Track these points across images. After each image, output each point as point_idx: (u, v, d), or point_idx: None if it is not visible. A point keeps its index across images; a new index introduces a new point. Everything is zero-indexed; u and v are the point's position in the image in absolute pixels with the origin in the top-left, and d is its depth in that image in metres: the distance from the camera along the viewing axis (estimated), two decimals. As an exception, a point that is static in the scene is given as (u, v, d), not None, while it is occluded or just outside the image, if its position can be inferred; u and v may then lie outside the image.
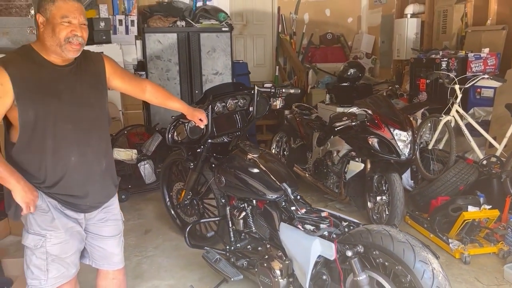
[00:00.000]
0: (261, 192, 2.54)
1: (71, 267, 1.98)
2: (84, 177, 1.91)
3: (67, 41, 1.75)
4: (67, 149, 1.84)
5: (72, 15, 1.76)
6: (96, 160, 1.95)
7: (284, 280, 2.46)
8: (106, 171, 2.01)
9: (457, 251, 3.19)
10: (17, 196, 1.75)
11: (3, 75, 1.69)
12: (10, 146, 1.81)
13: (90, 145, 1.91)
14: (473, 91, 4.74)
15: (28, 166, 1.81)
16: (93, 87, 1.93)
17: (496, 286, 2.85)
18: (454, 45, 5.66)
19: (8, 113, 1.75)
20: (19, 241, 3.58)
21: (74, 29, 1.76)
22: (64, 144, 1.83)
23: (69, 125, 1.83)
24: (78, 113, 1.86)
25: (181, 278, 3.02)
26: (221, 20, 6.12)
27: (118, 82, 2.11)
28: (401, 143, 3.48)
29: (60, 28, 1.74)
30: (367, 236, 2.15)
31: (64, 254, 1.93)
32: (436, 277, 1.96)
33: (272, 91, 3.01)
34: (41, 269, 1.90)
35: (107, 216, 2.08)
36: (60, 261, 1.93)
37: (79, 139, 1.87)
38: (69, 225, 1.92)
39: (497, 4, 5.18)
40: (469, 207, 3.28)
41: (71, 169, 1.86)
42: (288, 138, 4.97)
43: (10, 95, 1.71)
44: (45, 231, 1.87)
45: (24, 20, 4.36)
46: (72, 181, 1.88)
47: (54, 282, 1.94)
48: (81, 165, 1.89)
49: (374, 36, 7.81)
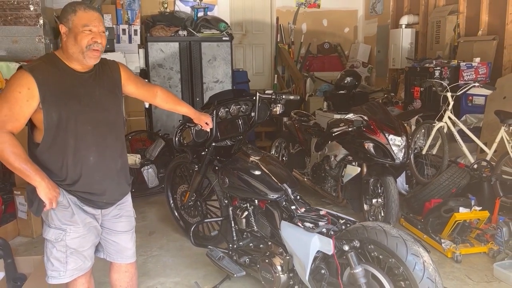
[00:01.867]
0: (263, 192, 2.68)
1: (88, 260, 2.12)
2: (102, 176, 2.04)
3: (89, 48, 1.90)
4: (86, 149, 1.98)
5: (92, 23, 1.91)
6: (113, 160, 2.09)
7: (284, 275, 2.60)
8: (121, 170, 2.15)
9: (449, 251, 3.33)
10: (42, 193, 1.86)
11: (30, 80, 1.84)
12: (34, 146, 1.95)
13: (108, 145, 2.05)
14: (465, 99, 4.92)
15: (51, 165, 1.94)
16: (110, 92, 2.08)
17: (486, 283, 2.99)
18: (447, 55, 5.84)
19: (33, 115, 1.89)
20: (28, 242, 3.74)
21: (94, 36, 1.91)
22: (84, 144, 1.97)
23: (89, 126, 1.97)
24: (96, 116, 2.00)
25: (186, 275, 3.16)
26: (222, 30, 6.31)
27: (132, 87, 2.27)
28: (396, 147, 3.63)
29: (82, 36, 1.89)
30: (363, 232, 2.30)
31: (81, 247, 2.06)
32: (427, 269, 2.11)
33: (273, 97, 3.17)
34: (60, 261, 2.03)
35: (121, 213, 2.21)
36: (78, 254, 2.06)
37: (98, 140, 2.01)
38: (87, 221, 2.06)
39: (488, 16, 5.38)
40: (460, 209, 3.43)
41: (90, 168, 2.00)
42: (287, 144, 5.13)
43: (36, 99, 1.85)
44: (65, 225, 2.00)
45: (33, 29, 4.54)
46: (91, 179, 2.01)
47: (72, 274, 2.07)
48: (99, 164, 2.02)
49: (370, 45, 8.00)
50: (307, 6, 8.03)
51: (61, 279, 2.06)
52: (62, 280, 2.07)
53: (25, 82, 1.84)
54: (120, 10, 6.18)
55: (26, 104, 1.84)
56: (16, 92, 1.83)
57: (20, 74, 1.87)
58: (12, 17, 4.49)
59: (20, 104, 1.83)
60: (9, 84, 1.89)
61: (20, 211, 3.85)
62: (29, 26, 4.49)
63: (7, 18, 4.47)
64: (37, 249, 3.60)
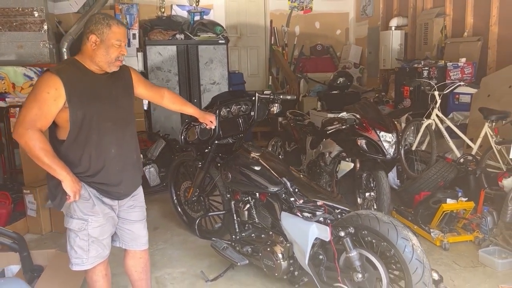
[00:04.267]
0: (264, 185, 2.88)
1: (106, 248, 2.30)
2: (120, 167, 2.23)
3: (116, 59, 2.14)
4: (108, 143, 2.17)
5: (123, 38, 2.14)
6: (129, 153, 2.30)
7: (285, 262, 2.80)
8: (136, 163, 2.36)
9: (437, 239, 3.55)
10: (67, 186, 2.04)
11: (58, 81, 2.02)
12: (58, 143, 2.12)
13: (125, 140, 2.26)
14: (452, 97, 5.15)
15: (74, 159, 2.12)
16: (125, 92, 2.29)
17: (472, 268, 3.22)
18: (435, 55, 6.08)
19: (58, 114, 2.05)
20: (37, 239, 3.92)
21: (122, 50, 2.14)
22: (106, 138, 2.16)
23: (109, 123, 2.17)
24: (115, 113, 2.20)
25: (191, 266, 3.34)
26: (218, 33, 6.51)
27: (142, 89, 2.48)
28: (387, 143, 3.84)
29: (113, 49, 2.11)
30: (357, 219, 2.51)
31: (101, 236, 2.25)
32: (415, 251, 2.32)
33: (271, 97, 3.38)
34: (83, 249, 2.21)
35: (135, 203, 2.40)
36: (98, 242, 2.24)
37: (117, 134, 2.21)
38: (106, 211, 2.24)
39: (473, 18, 5.62)
40: (448, 200, 3.65)
41: (111, 160, 2.19)
42: (283, 143, 5.33)
43: (63, 98, 2.03)
44: (87, 216, 2.18)
45: (38, 35, 4.71)
46: (111, 170, 2.20)
47: (93, 261, 2.25)
48: (119, 156, 2.22)
49: (361, 47, 8.24)
50: (300, 10, 8.25)
51: (84, 266, 2.23)
52: (85, 267, 2.24)
53: (53, 83, 2.01)
54: (118, 15, 6.36)
55: (53, 103, 2.01)
56: (45, 92, 2.00)
57: (47, 76, 2.04)
58: (18, 23, 4.66)
59: (49, 103, 2.00)
60: (37, 85, 2.06)
61: (29, 209, 4.01)
62: (33, 32, 4.66)
63: (13, 24, 4.64)
64: (46, 245, 3.77)
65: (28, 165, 4.08)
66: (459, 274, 3.13)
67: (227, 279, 3.13)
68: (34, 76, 4.40)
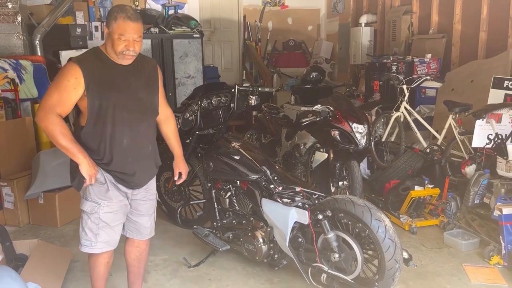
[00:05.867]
0: (245, 173, 3.01)
1: (117, 235, 2.36)
2: (134, 157, 2.27)
3: (121, 53, 2.14)
4: (122, 133, 2.22)
5: (128, 34, 2.10)
6: (144, 144, 2.33)
7: (266, 246, 2.94)
8: (151, 154, 2.39)
9: (406, 224, 3.78)
10: (83, 170, 2.12)
11: (77, 71, 2.09)
12: (79, 129, 2.22)
13: (140, 131, 2.28)
14: (419, 91, 5.42)
15: (92, 145, 2.20)
16: (147, 85, 2.31)
17: (437, 249, 3.45)
18: (403, 51, 6.35)
19: (79, 102, 2.15)
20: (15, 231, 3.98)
21: (128, 44, 2.12)
22: (120, 128, 2.21)
23: (125, 113, 2.21)
24: (132, 105, 2.23)
25: (173, 253, 3.43)
26: (193, 27, 6.57)
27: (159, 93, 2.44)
28: (359, 134, 4.03)
29: (117, 43, 2.11)
30: (334, 203, 2.68)
31: (113, 222, 2.30)
32: (388, 231, 2.51)
33: (250, 89, 3.50)
34: (93, 232, 2.27)
35: (147, 196, 2.45)
36: (109, 228, 2.30)
37: (132, 125, 2.24)
38: (120, 198, 2.30)
39: (438, 16, 5.91)
40: (415, 187, 3.89)
41: (124, 150, 2.24)
42: (259, 135, 5.46)
43: (82, 87, 2.10)
44: (100, 199, 2.25)
45: (12, 27, 4.65)
46: (124, 160, 2.25)
47: (102, 247, 2.32)
48: (132, 147, 2.26)
49: (332, 43, 8.45)
50: (272, 6, 8.38)
51: (92, 248, 2.31)
52: (93, 250, 2.32)
53: (73, 72, 2.09)
54: (92, 7, 6.32)
55: (73, 91, 2.10)
56: (66, 81, 2.09)
57: (69, 65, 2.12)
58: (-10, 14, 4.58)
59: (68, 91, 2.09)
60: (60, 73, 2.15)
61: (6, 201, 3.98)
62: (7, 24, 4.60)
63: (-15, 15, 4.56)
64: (25, 236, 3.76)
65: (5, 157, 4.05)
66: (426, 254, 3.36)
67: (209, 265, 3.25)
68: (9, 68, 4.34)
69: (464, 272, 3.09)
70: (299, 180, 4.64)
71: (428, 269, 3.15)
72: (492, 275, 3.04)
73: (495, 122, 3.78)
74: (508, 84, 4.27)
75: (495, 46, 4.93)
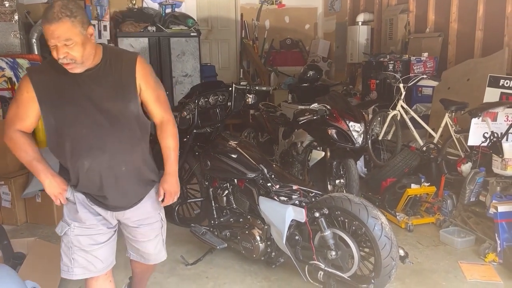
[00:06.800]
0: (242, 172, 3.02)
1: (97, 262, 2.01)
2: (99, 181, 1.91)
3: (61, 61, 1.75)
4: (81, 154, 1.86)
5: (52, 39, 1.71)
6: (112, 166, 1.90)
7: (263, 244, 2.96)
8: (129, 174, 1.94)
9: (402, 222, 3.80)
10: (46, 189, 1.93)
11: (28, 84, 1.84)
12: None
13: (106, 150, 1.87)
14: (416, 90, 5.43)
15: (62, 164, 1.97)
16: (114, 90, 1.87)
17: (433, 247, 3.48)
18: (399, 50, 6.36)
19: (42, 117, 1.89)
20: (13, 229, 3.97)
21: (57, 52, 1.73)
22: (79, 148, 1.86)
23: (84, 130, 1.84)
24: (93, 119, 1.84)
25: (170, 252, 3.38)
26: (190, 26, 6.58)
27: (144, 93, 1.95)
28: (356, 133, 4.05)
29: (52, 50, 1.76)
30: (331, 201, 2.70)
31: (88, 247, 1.98)
32: (384, 228, 2.53)
33: (247, 88, 3.51)
34: (67, 256, 2.00)
35: (141, 220, 2.06)
36: (85, 253, 1.98)
37: (92, 144, 1.86)
38: (93, 222, 1.97)
39: (434, 15, 5.93)
40: (412, 185, 3.91)
41: (86, 173, 1.89)
42: (256, 134, 5.48)
43: (35, 102, 1.84)
44: (70, 220, 1.98)
45: (9, 25, 4.65)
46: (88, 183, 1.92)
47: (80, 273, 2.01)
48: (94, 170, 1.88)
49: (330, 41, 8.46)
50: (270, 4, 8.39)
51: (70, 274, 2.02)
52: (71, 276, 2.03)
53: (24, 85, 1.85)
54: (89, 6, 6.31)
55: (28, 105, 1.86)
56: (20, 94, 1.87)
57: (23, 77, 1.90)
58: (-14, 13, 4.58)
59: (24, 105, 1.87)
60: (18, 85, 1.96)
61: (3, 200, 3.99)
62: (4, 22, 4.59)
63: (-18, 14, 4.56)
64: (23, 235, 3.76)
65: (2, 156, 4.05)
66: (422, 252, 3.39)
67: (207, 263, 3.26)
68: (6, 66, 4.34)
69: (460, 270, 3.12)
70: (296, 178, 4.68)
71: (424, 267, 3.18)
72: (487, 272, 3.07)
73: (490, 120, 3.79)
74: (503, 82, 4.29)
75: (491, 44, 4.94)
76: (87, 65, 1.81)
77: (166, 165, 2.11)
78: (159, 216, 2.15)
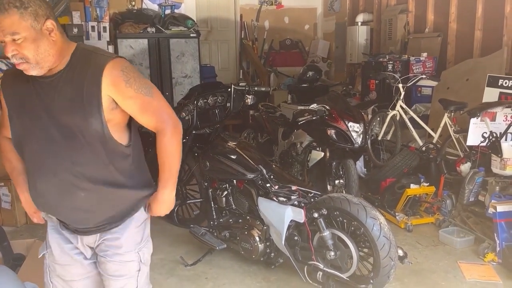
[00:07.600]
0: (241, 173, 3.02)
1: None
2: (54, 206, 1.65)
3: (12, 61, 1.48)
4: (33, 174, 1.62)
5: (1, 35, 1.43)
6: (72, 190, 1.58)
7: (262, 244, 2.96)
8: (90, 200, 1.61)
9: (402, 222, 3.80)
10: (22, 205, 1.77)
11: (0, 90, 1.65)
12: None
13: (57, 173, 1.56)
14: (415, 90, 5.44)
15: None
16: (70, 102, 1.53)
17: (433, 247, 3.48)
18: (399, 50, 6.36)
19: None
20: (13, 231, 3.95)
21: (5, 49, 1.46)
22: (31, 167, 1.62)
23: (35, 146, 1.58)
24: (47, 134, 1.55)
25: (170, 252, 3.45)
26: (189, 27, 6.58)
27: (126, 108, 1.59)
28: (355, 133, 4.05)
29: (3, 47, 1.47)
30: (329, 201, 2.70)
31: (66, 277, 1.76)
32: (383, 229, 2.53)
33: (246, 89, 3.52)
34: (47, 280, 1.80)
35: (110, 250, 1.69)
36: (63, 283, 1.77)
37: (43, 163, 1.57)
38: (65, 249, 1.72)
39: (433, 15, 5.93)
40: (411, 185, 3.92)
41: (39, 196, 1.64)
42: (256, 134, 5.48)
43: (6, 110, 1.64)
44: (48, 243, 1.77)
45: None
46: (45, 206, 1.69)
47: None
48: (46, 193, 1.61)
49: (329, 42, 8.46)
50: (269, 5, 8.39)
51: None
52: None
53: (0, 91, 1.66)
54: (88, 7, 6.32)
55: (4, 112, 1.66)
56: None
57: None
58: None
59: (4, 111, 1.66)
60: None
61: (3, 201, 3.99)
62: None
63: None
64: (23, 236, 3.76)
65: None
66: (421, 252, 3.39)
67: (206, 263, 3.27)
68: (5, 68, 4.35)
69: (459, 269, 3.12)
70: (295, 179, 4.68)
71: (423, 267, 3.18)
72: (486, 272, 3.07)
73: (489, 120, 3.80)
74: (502, 82, 4.30)
75: (490, 44, 4.95)
76: (46, 67, 1.50)
77: (163, 176, 1.73)
78: (137, 256, 1.73)
